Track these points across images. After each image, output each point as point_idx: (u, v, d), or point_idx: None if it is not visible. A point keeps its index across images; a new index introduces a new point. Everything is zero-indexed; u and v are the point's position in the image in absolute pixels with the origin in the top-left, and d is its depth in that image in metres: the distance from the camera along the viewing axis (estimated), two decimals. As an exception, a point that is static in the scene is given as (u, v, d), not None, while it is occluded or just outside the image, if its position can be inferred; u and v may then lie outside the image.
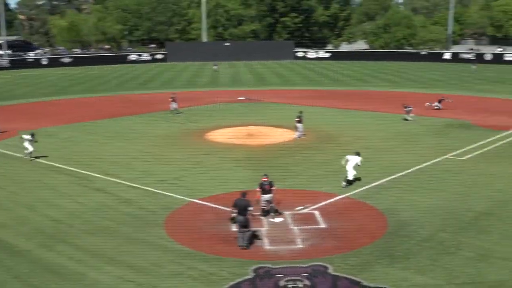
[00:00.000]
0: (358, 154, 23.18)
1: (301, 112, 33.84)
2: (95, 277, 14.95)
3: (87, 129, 37.61)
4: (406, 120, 38.89)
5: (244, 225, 16.71)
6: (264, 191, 18.96)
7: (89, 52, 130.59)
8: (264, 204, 19.18)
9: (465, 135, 33.76)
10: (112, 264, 15.71)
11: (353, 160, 22.88)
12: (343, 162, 22.94)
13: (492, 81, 69.05)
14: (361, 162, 23.03)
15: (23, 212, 20.49)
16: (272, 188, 19.10)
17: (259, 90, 61.27)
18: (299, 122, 33.22)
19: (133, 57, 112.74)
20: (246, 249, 16.49)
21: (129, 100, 54.40)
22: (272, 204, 19.24)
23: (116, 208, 20.66)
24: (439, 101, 44.87)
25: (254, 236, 17.24)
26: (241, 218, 16.71)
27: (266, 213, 19.29)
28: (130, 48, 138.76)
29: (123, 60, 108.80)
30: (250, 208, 16.80)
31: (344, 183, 22.62)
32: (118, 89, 63.94)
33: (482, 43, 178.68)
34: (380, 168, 25.30)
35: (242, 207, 16.79)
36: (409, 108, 39.60)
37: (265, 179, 19.15)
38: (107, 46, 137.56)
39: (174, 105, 43.95)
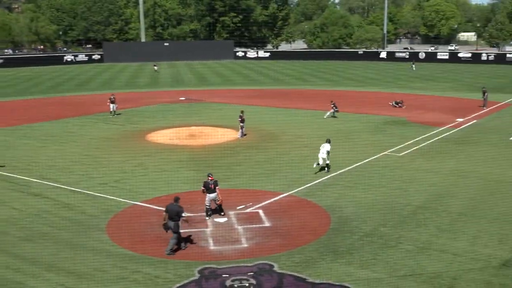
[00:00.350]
0: (329, 141, 25.28)
1: (242, 111, 33.94)
2: (34, 286, 14.44)
3: (21, 133, 36.28)
4: (334, 116, 39.65)
5: (174, 231, 16.29)
6: (209, 190, 18.97)
7: (21, 53, 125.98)
8: (208, 204, 19.14)
9: (402, 132, 34.83)
10: (52, 271, 15.22)
11: (325, 148, 24.76)
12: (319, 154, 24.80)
13: (426, 79, 71.59)
14: (330, 149, 24.89)
15: (-45, 220, 19.54)
16: (217, 188, 19.06)
17: (200, 90, 61.03)
18: (242, 121, 33.35)
19: (68, 58, 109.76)
20: (169, 255, 16.10)
21: (65, 102, 52.88)
22: (219, 203, 19.20)
23: (56, 213, 20.04)
24: (397, 103, 45.73)
25: (186, 240, 16.95)
26: (171, 223, 16.23)
27: (211, 212, 19.24)
28: (66, 49, 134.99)
29: (58, 61, 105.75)
30: (183, 214, 16.27)
31: (315, 164, 24.73)
32: (53, 91, 62.05)
33: (416, 42, 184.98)
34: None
35: (173, 212, 16.22)
36: (330, 110, 40.12)
37: (211, 179, 19.16)
38: (41, 47, 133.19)
39: (113, 107, 43.12)
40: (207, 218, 19.08)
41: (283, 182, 23.39)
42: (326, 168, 24.99)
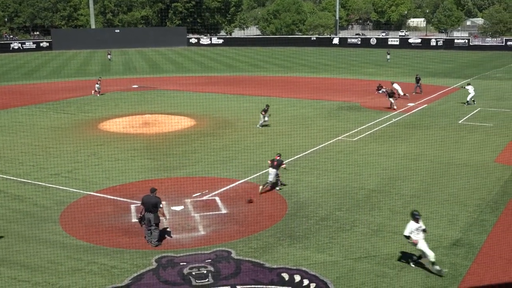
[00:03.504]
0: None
1: (267, 105, 32.59)
2: (-15, 281, 14.06)
3: (-33, 123, 35.00)
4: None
5: (155, 223, 15.97)
6: (273, 166, 20.42)
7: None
8: (271, 179, 20.46)
9: (355, 117, 35.38)
10: (4, 265, 14.82)
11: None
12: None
13: (377, 65, 72.80)
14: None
15: None
16: (282, 166, 20.73)
17: (153, 77, 60.25)
18: (265, 113, 31.75)
19: (15, 45, 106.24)
20: (157, 246, 15.97)
21: (13, 91, 51.23)
22: (279, 178, 20.84)
23: (6, 206, 19.48)
24: (379, 88, 45.61)
25: (166, 232, 16.88)
26: (150, 215, 15.89)
27: (274, 185, 20.77)
28: (12, 36, 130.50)
29: (4, 48, 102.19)
30: (160, 205, 15.99)
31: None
32: (0, 80, 59.98)
33: (367, 28, 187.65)
34: (276, 152, 25.76)
35: (150, 204, 15.88)
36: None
37: (278, 157, 20.76)
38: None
39: (98, 88, 46.44)
40: (277, 189, 20.70)
41: (239, 169, 23.44)
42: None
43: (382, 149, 26.88)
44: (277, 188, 20.89)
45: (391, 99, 38.30)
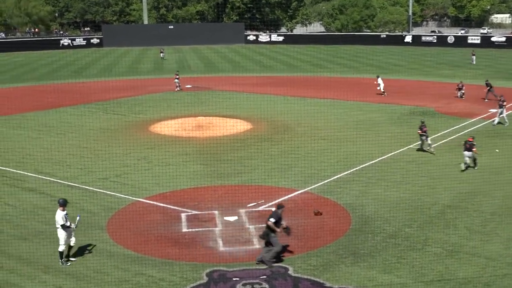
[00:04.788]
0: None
1: (423, 122, 28.63)
2: (30, 288, 14.60)
3: (15, 123, 36.55)
4: None
5: (266, 242, 15.76)
6: (466, 149, 24.45)
7: (14, 37, 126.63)
8: (467, 159, 24.59)
9: (429, 123, 34.48)
10: (49, 273, 15.36)
11: None
12: None
13: (454, 66, 71.05)
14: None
15: None
16: (473, 149, 24.44)
17: (208, 76, 61.05)
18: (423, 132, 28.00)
19: (65, 42, 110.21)
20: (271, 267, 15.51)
21: (62, 89, 53.12)
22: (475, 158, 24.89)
23: (53, 210, 19.91)
24: (459, 89, 44.72)
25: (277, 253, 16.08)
26: (264, 232, 15.75)
27: (467, 166, 24.65)
28: (62, 32, 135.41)
29: (54, 45, 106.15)
30: (271, 220, 15.57)
31: None
32: (49, 78, 62.30)
33: (444, 25, 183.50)
34: (340, 160, 25.67)
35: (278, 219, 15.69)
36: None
37: (471, 140, 24.66)
38: (35, 30, 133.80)
39: (177, 82, 50.62)
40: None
41: (298, 178, 23.38)
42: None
43: (459, 160, 26.15)
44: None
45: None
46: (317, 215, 19.24)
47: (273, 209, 16.88)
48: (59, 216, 16.03)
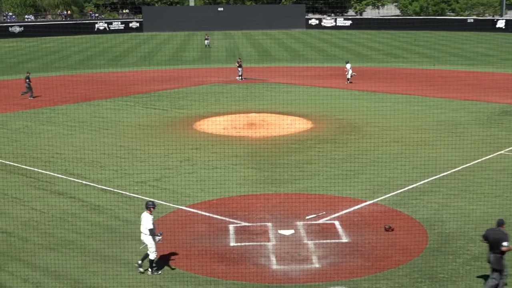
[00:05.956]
0: None
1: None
2: (57, 305, 14.98)
3: (44, 118, 37.63)
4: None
5: (494, 268, 14.99)
6: None
7: (44, 20, 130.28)
8: None
9: (524, 125, 33.83)
10: (79, 288, 15.75)
11: None
12: None
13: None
14: None
15: (-35, 222, 20.52)
16: None
17: (262, 67, 61.28)
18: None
19: (101, 25, 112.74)
20: None
21: (96, 80, 54.38)
22: None
23: (84, 217, 20.68)
24: None
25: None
26: (490, 257, 15.04)
27: None
28: (97, 15, 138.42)
29: (89, 29, 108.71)
30: (504, 244, 14.73)
31: None
32: (82, 66, 63.93)
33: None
34: (416, 167, 25.31)
35: (493, 240, 14.98)
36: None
37: None
38: (67, 12, 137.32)
39: (240, 70, 51.96)
40: None
41: (366, 187, 23.17)
42: None
43: (561, 170, 25.44)
44: None
45: None
46: (388, 231, 19.04)
47: (336, 222, 16.70)
48: (148, 219, 16.31)
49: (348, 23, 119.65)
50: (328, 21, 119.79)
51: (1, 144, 30.27)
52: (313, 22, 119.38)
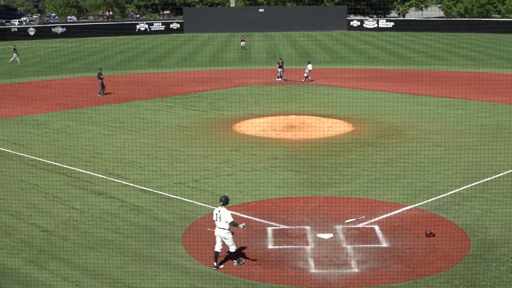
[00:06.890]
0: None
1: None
2: (96, 304, 15.21)
3: (85, 118, 38.22)
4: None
5: None
6: None
7: (87, 20, 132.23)
8: None
9: None
10: (118, 287, 15.95)
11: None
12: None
13: None
14: None
15: (7, 220, 20.93)
16: None
17: (302, 69, 61.18)
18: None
19: (142, 26, 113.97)
20: None
21: (136, 81, 55.01)
22: None
23: (123, 217, 20.95)
24: None
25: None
26: None
27: None
28: (139, 16, 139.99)
29: (130, 30, 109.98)
30: None
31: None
32: (123, 67, 64.73)
33: None
34: (459, 172, 25.00)
35: None
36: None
37: None
38: (109, 13, 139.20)
39: (280, 71, 52.35)
40: None
41: (407, 191, 22.99)
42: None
43: None
44: None
45: None
46: (429, 236, 18.87)
47: (376, 227, 16.61)
48: (228, 213, 16.86)
49: (390, 24, 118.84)
50: (370, 23, 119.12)
51: (43, 143, 30.80)
52: (355, 23, 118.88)
